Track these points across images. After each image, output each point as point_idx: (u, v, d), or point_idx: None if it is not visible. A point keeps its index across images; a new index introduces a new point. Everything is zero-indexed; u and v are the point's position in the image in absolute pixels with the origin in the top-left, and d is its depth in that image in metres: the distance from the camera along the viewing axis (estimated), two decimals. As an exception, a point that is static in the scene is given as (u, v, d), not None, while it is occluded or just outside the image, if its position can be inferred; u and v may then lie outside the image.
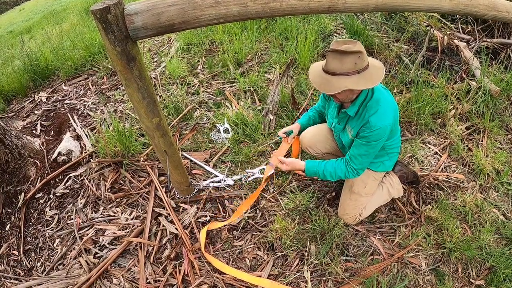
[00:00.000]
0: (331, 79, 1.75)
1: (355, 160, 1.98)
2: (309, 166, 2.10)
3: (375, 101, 1.86)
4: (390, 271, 2.17)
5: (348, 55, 1.68)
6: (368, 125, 1.84)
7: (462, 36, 3.97)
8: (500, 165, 2.76)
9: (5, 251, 2.60)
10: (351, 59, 1.69)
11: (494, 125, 3.07)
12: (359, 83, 1.72)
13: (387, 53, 3.73)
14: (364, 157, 1.96)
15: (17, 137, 2.98)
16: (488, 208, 2.50)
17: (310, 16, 4.15)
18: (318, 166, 2.08)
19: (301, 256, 2.26)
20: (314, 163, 2.10)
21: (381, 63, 1.88)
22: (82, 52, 4.27)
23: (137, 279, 2.24)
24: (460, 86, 3.33)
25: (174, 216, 2.47)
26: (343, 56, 1.69)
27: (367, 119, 1.85)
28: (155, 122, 1.91)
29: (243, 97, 3.37)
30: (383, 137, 1.88)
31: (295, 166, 2.13)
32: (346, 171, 2.02)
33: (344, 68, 1.71)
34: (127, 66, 1.61)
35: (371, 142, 1.88)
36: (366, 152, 1.93)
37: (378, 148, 1.96)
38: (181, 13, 1.50)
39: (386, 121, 1.83)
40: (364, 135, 1.89)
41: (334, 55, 1.72)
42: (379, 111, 1.83)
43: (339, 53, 1.69)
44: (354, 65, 1.70)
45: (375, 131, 1.83)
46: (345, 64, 1.70)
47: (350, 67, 1.71)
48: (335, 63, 1.72)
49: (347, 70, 1.71)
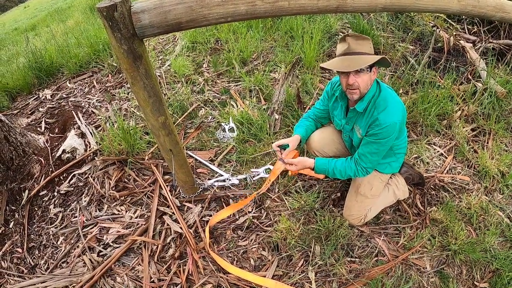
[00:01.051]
0: (356, 57, 1.80)
1: (364, 159, 1.97)
2: (318, 164, 2.09)
3: (383, 99, 1.87)
4: (394, 272, 2.16)
5: (364, 39, 1.82)
6: (378, 122, 1.85)
7: (468, 37, 3.95)
8: (505, 167, 2.74)
9: (8, 249, 2.60)
10: (367, 42, 1.83)
11: (499, 127, 3.05)
12: (382, 61, 1.82)
13: (393, 53, 3.72)
14: (374, 155, 1.95)
15: (21, 134, 2.98)
16: (493, 211, 2.49)
17: (316, 15, 4.13)
18: (328, 164, 2.07)
19: (305, 256, 2.25)
20: (324, 160, 2.10)
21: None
22: (87, 49, 4.28)
23: (141, 278, 2.24)
24: (466, 87, 3.32)
25: (178, 215, 2.47)
26: (360, 39, 1.81)
27: (376, 116, 1.85)
28: (161, 121, 1.90)
29: (248, 96, 3.37)
30: (393, 135, 1.88)
31: (305, 164, 2.11)
32: (356, 170, 2.02)
33: (365, 48, 1.81)
34: (134, 64, 1.60)
35: (381, 140, 1.88)
36: (376, 150, 1.93)
37: (388, 146, 1.95)
38: (189, 12, 1.48)
39: (395, 118, 1.83)
40: (373, 133, 1.89)
41: (352, 38, 1.81)
42: (387, 108, 1.84)
43: (356, 37, 1.81)
44: (370, 48, 1.83)
45: (385, 128, 1.83)
46: (364, 46, 1.81)
47: (368, 48, 1.83)
48: (356, 44, 1.81)
49: (367, 50, 1.82)
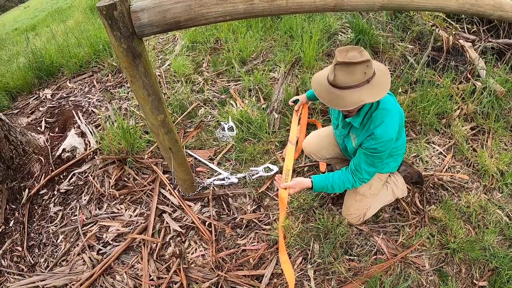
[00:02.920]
0: (342, 94, 1.65)
1: (361, 171, 1.94)
2: (316, 182, 2.02)
3: (380, 111, 1.79)
4: (393, 271, 2.17)
5: (356, 66, 1.58)
6: (373, 136, 1.79)
7: (467, 36, 3.95)
8: (504, 166, 2.74)
9: (8, 247, 2.61)
10: (360, 69, 1.60)
11: (499, 126, 3.05)
12: (373, 94, 1.65)
13: (392, 52, 3.72)
14: (371, 167, 1.92)
15: (21, 134, 2.99)
16: (492, 209, 2.49)
17: (315, 15, 4.13)
18: (326, 180, 2.02)
19: (304, 255, 2.26)
20: (321, 177, 2.03)
21: (383, 65, 1.81)
22: (87, 49, 4.28)
23: (140, 276, 2.25)
24: (465, 86, 3.32)
25: (187, 209, 2.50)
26: (351, 67, 1.59)
27: (372, 130, 1.79)
28: (160, 119, 1.91)
29: (248, 95, 3.38)
30: (389, 148, 1.85)
31: (303, 186, 2.03)
32: (353, 182, 1.99)
33: (354, 80, 1.62)
34: (133, 63, 1.61)
35: (376, 153, 1.84)
36: (372, 162, 1.90)
37: (384, 158, 1.92)
38: (187, 10, 1.50)
39: (392, 133, 1.78)
40: (369, 147, 1.83)
41: (341, 67, 1.61)
42: (384, 122, 1.77)
43: (347, 65, 1.58)
44: (364, 75, 1.62)
45: (380, 143, 1.79)
46: (354, 76, 1.61)
47: (360, 77, 1.61)
48: (344, 76, 1.62)
49: (357, 81, 1.62)
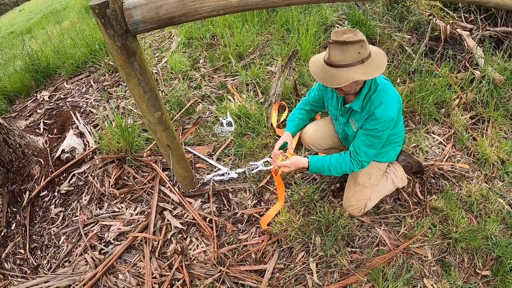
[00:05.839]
0: (335, 72, 1.69)
1: (360, 153, 1.94)
2: (313, 162, 2.03)
3: (379, 93, 1.83)
4: (395, 262, 2.17)
5: (350, 45, 1.62)
6: (374, 117, 1.81)
7: (465, 25, 3.92)
8: (505, 154, 2.73)
9: (11, 250, 2.61)
10: (354, 49, 1.63)
11: (498, 114, 3.04)
12: (366, 72, 1.68)
13: (389, 43, 3.70)
14: (370, 148, 1.92)
15: (20, 136, 2.99)
16: (494, 198, 2.49)
17: (311, 7, 4.11)
18: (323, 161, 2.03)
19: (306, 248, 2.26)
20: (318, 158, 2.05)
21: (381, 50, 1.84)
22: (83, 50, 4.27)
23: (143, 274, 2.25)
24: (463, 75, 3.30)
25: (188, 206, 2.49)
26: (345, 46, 1.63)
27: (373, 111, 1.82)
28: (157, 116, 1.90)
29: (246, 90, 3.36)
30: (389, 128, 1.86)
31: (298, 165, 2.05)
32: (351, 165, 1.98)
33: (347, 58, 1.65)
34: (128, 60, 1.60)
35: (376, 133, 1.86)
36: (371, 143, 1.90)
37: (384, 139, 1.92)
38: (180, 6, 1.48)
39: (392, 113, 1.80)
40: (369, 127, 1.86)
41: (335, 46, 1.65)
42: (384, 102, 1.80)
43: (341, 43, 1.62)
44: (358, 54, 1.65)
45: (381, 123, 1.81)
46: (348, 55, 1.64)
47: (354, 57, 1.65)
48: (338, 54, 1.65)
49: (351, 60, 1.65)
